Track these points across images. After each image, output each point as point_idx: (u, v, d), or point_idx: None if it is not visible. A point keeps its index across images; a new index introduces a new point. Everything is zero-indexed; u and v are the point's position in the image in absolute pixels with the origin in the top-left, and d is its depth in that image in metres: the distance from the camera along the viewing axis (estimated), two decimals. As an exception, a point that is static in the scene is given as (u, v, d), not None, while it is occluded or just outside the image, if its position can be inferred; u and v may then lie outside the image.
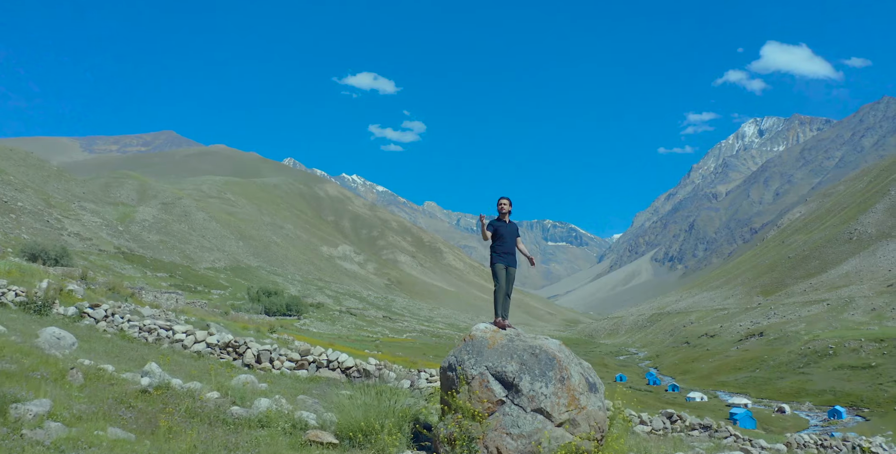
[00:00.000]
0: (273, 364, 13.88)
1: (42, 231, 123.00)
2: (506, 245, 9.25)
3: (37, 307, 13.17)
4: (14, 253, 68.64)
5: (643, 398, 73.67)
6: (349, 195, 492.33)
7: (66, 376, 7.06)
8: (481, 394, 7.27)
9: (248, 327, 44.27)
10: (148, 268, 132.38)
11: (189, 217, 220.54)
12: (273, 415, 6.92)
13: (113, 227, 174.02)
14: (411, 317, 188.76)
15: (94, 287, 45.06)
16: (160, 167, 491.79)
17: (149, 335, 13.99)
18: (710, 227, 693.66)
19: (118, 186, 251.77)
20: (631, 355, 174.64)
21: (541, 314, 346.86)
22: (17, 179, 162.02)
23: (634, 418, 14.49)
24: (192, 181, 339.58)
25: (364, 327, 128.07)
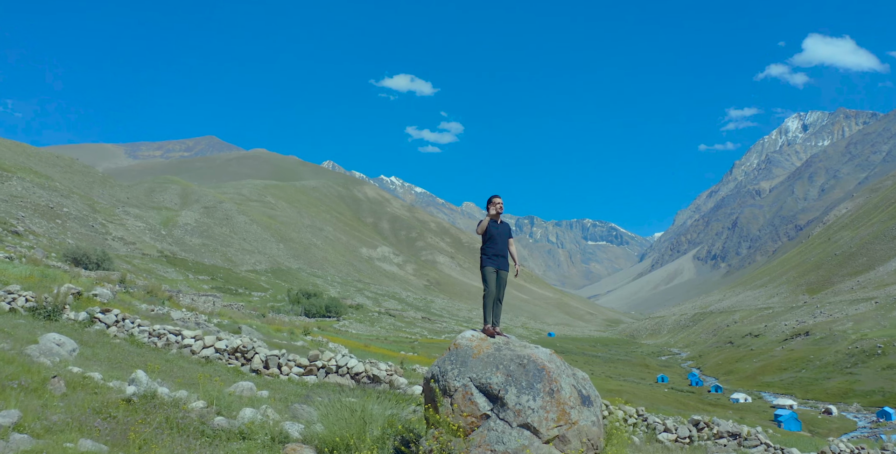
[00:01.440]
0: (281, 369, 13.61)
1: (87, 236, 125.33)
2: (497, 247, 8.66)
3: (46, 312, 13.10)
4: (57, 257, 69.99)
5: (684, 399, 72.33)
6: (388, 197, 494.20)
7: (47, 385, 6.82)
8: (464, 407, 6.76)
9: (282, 329, 44.47)
10: (190, 271, 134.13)
11: (230, 220, 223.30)
12: (255, 426, 6.59)
13: (156, 231, 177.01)
14: (450, 317, 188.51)
15: (133, 290, 45.65)
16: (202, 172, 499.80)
17: (158, 340, 13.84)
18: (754, 224, 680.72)
19: (161, 191, 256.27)
20: (673, 355, 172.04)
21: (581, 314, 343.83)
22: (63, 185, 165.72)
23: (659, 426, 13.89)
24: (233, 185, 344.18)
25: (402, 328, 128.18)
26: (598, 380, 78.95)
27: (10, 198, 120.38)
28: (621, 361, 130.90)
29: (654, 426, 14.00)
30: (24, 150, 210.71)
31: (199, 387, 7.92)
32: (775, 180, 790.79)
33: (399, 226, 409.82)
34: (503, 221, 9.05)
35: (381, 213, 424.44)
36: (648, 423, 14.13)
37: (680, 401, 67.29)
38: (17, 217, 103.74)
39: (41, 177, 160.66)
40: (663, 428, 13.87)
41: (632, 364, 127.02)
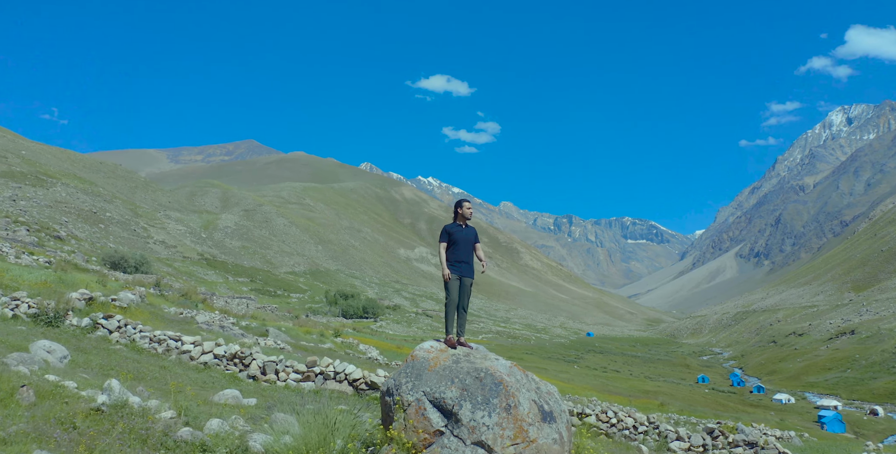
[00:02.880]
0: (279, 375, 13.42)
1: (129, 240, 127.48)
2: (460, 252, 8.29)
3: (48, 319, 13.12)
4: (97, 261, 71.24)
5: (725, 401, 70.86)
6: (425, 197, 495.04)
7: (16, 395, 6.69)
8: (417, 423, 6.39)
9: (312, 331, 44.48)
10: (230, 274, 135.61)
11: (269, 223, 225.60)
12: (219, 438, 6.36)
13: (196, 234, 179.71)
14: (488, 318, 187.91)
15: (168, 293, 46.15)
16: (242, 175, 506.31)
17: (158, 346, 13.77)
18: (798, 220, 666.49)
19: (202, 195, 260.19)
20: (715, 355, 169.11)
21: (621, 314, 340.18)
22: (107, 190, 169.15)
23: (671, 434, 13.36)
24: (272, 188, 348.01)
25: (439, 329, 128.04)
26: (636, 381, 77.86)
27: (54, 203, 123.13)
28: (661, 361, 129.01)
29: (666, 434, 13.49)
30: (68, 157, 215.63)
31: (171, 396, 7.73)
32: (819, 175, 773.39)
33: (436, 226, 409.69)
34: (469, 226, 8.61)
35: (419, 214, 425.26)
36: (660, 431, 13.63)
37: (719, 403, 65.91)
38: (61, 222, 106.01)
39: (85, 182, 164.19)
40: (675, 436, 13.35)
41: (672, 364, 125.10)
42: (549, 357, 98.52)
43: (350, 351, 37.34)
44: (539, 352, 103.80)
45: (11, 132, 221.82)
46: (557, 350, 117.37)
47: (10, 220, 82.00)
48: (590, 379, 71.02)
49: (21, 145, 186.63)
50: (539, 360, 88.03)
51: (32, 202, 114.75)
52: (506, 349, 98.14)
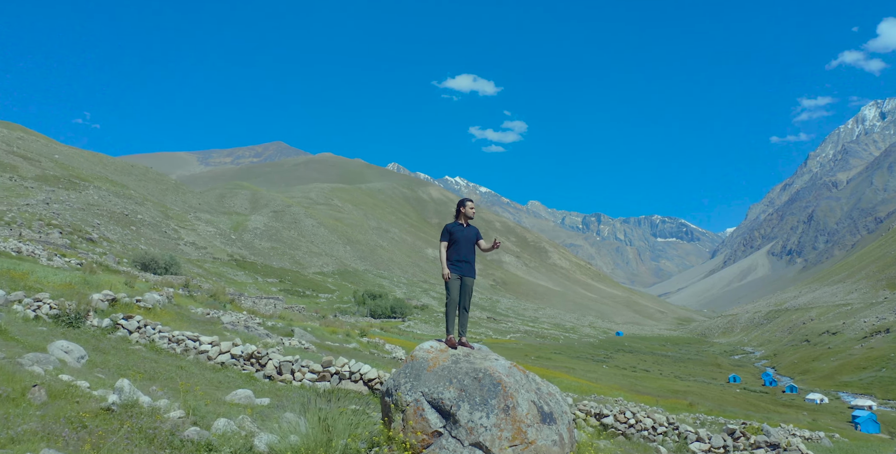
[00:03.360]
0: (294, 375, 13.45)
1: (160, 241, 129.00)
2: (461, 252, 8.16)
3: (69, 320, 13.29)
4: (128, 263, 72.28)
5: (756, 400, 69.86)
6: (452, 197, 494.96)
7: (28, 394, 6.77)
8: (416, 424, 6.32)
9: (338, 331, 44.67)
10: (259, 275, 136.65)
11: (298, 224, 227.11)
12: (223, 438, 6.39)
13: (226, 235, 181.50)
14: (516, 317, 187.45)
15: (196, 294, 46.65)
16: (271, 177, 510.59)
17: (177, 346, 13.89)
18: (831, 217, 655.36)
19: (231, 196, 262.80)
20: (746, 354, 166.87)
21: (651, 313, 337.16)
22: (138, 193, 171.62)
23: (690, 435, 13.14)
24: (300, 189, 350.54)
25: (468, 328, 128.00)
26: (666, 381, 77.11)
27: (86, 206, 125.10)
28: (692, 361, 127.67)
29: (686, 435, 13.26)
30: (100, 160, 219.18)
31: (180, 396, 7.78)
32: (853, 171, 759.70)
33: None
34: (471, 225, 8.50)
35: (446, 214, 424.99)
36: (680, 432, 13.41)
37: (751, 403, 64.98)
38: (93, 224, 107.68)
39: (117, 185, 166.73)
40: (696, 437, 13.12)
41: (703, 363, 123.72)
42: (577, 356, 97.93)
43: (375, 350, 37.40)
44: (567, 352, 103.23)
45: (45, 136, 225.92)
46: (586, 349, 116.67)
47: (43, 223, 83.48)
48: (618, 378, 70.44)
49: (54, 149, 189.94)
50: (567, 360, 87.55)
51: (65, 205, 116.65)
52: (534, 348, 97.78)
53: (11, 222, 74.18)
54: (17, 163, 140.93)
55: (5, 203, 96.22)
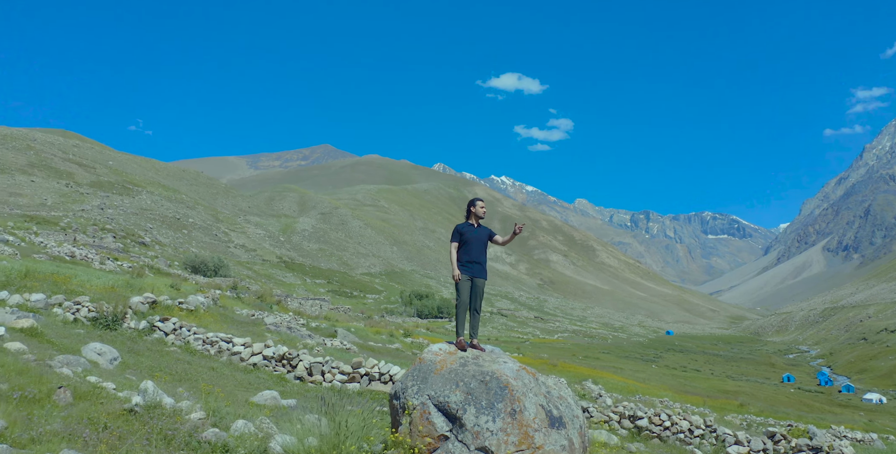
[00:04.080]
0: (325, 377, 13.49)
1: (210, 244, 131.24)
2: (472, 253, 7.96)
3: (106, 322, 13.55)
4: (179, 266, 73.86)
5: (810, 401, 68.03)
6: (498, 197, 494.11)
7: (53, 396, 6.88)
8: (422, 427, 6.20)
9: (382, 331, 44.87)
10: (307, 276, 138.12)
11: (345, 225, 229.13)
12: (240, 439, 6.41)
13: (275, 237, 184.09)
14: (564, 317, 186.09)
15: (244, 296, 47.37)
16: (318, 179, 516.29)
17: (211, 348, 14.06)
18: (889, 211, 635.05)
19: (280, 199, 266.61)
20: (801, 353, 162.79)
21: (702, 311, 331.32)
22: (189, 197, 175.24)
23: (729, 438, 12.76)
24: (347, 191, 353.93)
25: (515, 328, 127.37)
26: (717, 381, 75.59)
27: (139, 211, 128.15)
28: (744, 360, 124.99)
29: (724, 438, 12.89)
30: (152, 166, 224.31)
31: (202, 397, 7.84)
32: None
33: (510, 225, 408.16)
34: (482, 226, 8.31)
35: (493, 213, 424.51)
36: (717, 435, 13.05)
37: (804, 403, 63.28)
38: (146, 228, 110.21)
39: (168, 190, 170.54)
40: (734, 440, 12.74)
41: (756, 363, 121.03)
42: (626, 356, 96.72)
43: (418, 351, 37.43)
44: (616, 352, 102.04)
45: (100, 144, 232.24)
46: (635, 349, 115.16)
47: (97, 228, 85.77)
48: (667, 378, 69.29)
49: (108, 156, 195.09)
50: (615, 360, 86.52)
51: (119, 210, 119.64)
52: (581, 348, 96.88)
53: (67, 227, 76.40)
54: (73, 170, 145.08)
55: (62, 209, 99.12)
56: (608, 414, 13.53)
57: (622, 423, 13.39)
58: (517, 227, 7.94)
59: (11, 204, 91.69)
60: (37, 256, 33.86)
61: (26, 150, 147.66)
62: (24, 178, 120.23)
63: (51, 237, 59.09)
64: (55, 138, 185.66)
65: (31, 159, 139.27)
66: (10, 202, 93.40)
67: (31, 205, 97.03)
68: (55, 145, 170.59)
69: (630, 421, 13.37)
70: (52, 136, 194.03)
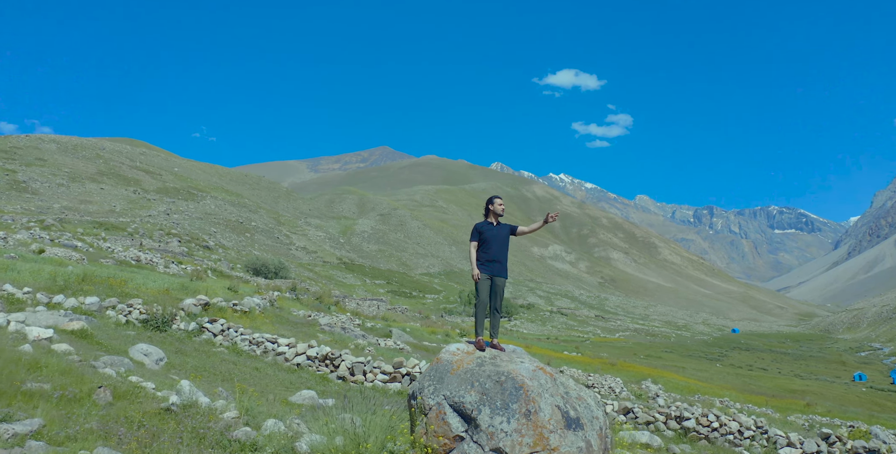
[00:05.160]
0: (366, 376, 13.56)
1: (272, 247, 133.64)
2: (492, 251, 7.82)
3: (156, 324, 13.92)
4: (241, 269, 75.48)
5: (882, 400, 65.42)
6: (556, 194, 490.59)
7: (93, 395, 7.08)
8: (437, 428, 6.11)
9: (437, 331, 44.92)
10: (367, 277, 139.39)
11: (404, 226, 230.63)
12: (270, 438, 6.48)
13: (335, 239, 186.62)
14: (625, 315, 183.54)
15: (304, 297, 48.13)
16: (377, 181, 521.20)
17: (257, 348, 14.30)
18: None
19: (340, 202, 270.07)
20: (874, 351, 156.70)
21: (769, 308, 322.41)
22: (252, 201, 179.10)
23: (780, 439, 12.30)
24: (405, 192, 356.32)
25: (575, 327, 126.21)
26: (783, 380, 73.39)
27: (204, 215, 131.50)
28: (813, 358, 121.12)
29: (776, 440, 12.43)
30: (216, 171, 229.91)
31: (236, 396, 7.95)
32: None
33: (570, 223, 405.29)
34: (502, 223, 8.15)
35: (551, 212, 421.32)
36: (769, 437, 12.60)
37: (876, 403, 60.84)
38: (210, 232, 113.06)
39: (232, 195, 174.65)
40: (786, 442, 12.27)
41: (825, 361, 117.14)
42: (689, 355, 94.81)
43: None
44: (679, 350, 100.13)
45: (165, 151, 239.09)
46: (699, 347, 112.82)
47: (163, 233, 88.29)
48: (731, 378, 67.60)
49: (174, 163, 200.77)
50: (678, 359, 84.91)
51: (184, 215, 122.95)
52: (643, 347, 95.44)
53: (134, 233, 78.87)
54: (141, 177, 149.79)
55: (129, 215, 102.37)
56: (654, 414, 13.23)
57: (668, 424, 13.06)
58: (550, 216, 7.81)
59: (82, 211, 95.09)
60: (104, 261, 35.03)
61: (96, 158, 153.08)
62: (93, 186, 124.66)
63: (118, 242, 61.03)
64: (123, 147, 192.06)
65: (100, 167, 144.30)
66: (80, 209, 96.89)
67: (101, 211, 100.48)
68: (123, 153, 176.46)
69: (677, 421, 13.03)
70: (120, 144, 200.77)
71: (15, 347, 8.23)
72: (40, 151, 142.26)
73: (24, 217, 64.95)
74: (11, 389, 6.78)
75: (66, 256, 30.59)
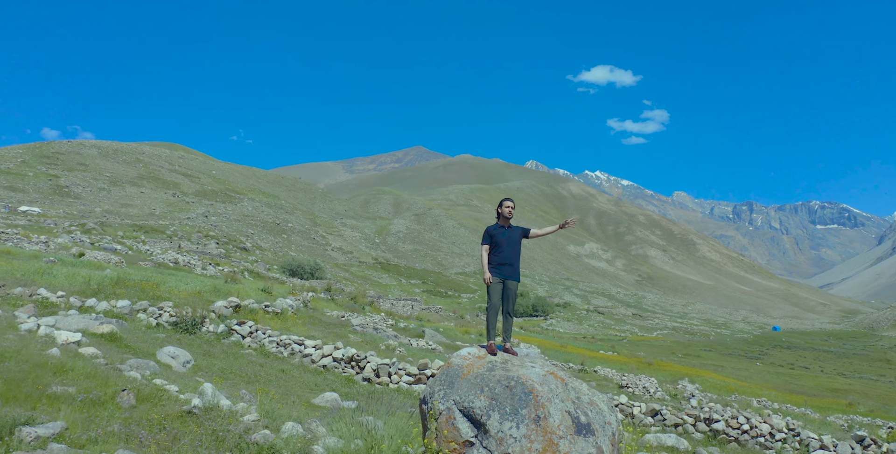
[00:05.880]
0: (391, 378, 13.57)
1: (309, 248, 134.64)
2: (503, 254, 7.80)
3: (186, 326, 14.08)
4: (278, 270, 76.27)
5: (931, 400, 63.68)
6: (592, 192, 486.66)
7: (117, 398, 7.18)
8: (448, 432, 6.04)
9: (471, 331, 44.87)
10: (402, 277, 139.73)
11: (439, 226, 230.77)
12: (287, 441, 6.51)
13: (371, 239, 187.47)
14: (663, 313, 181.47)
15: (338, 298, 48.43)
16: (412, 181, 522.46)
17: (284, 350, 14.40)
18: None
19: (375, 202, 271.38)
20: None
21: (811, 305, 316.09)
22: (288, 203, 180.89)
23: (813, 442, 12.00)
24: (440, 191, 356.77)
25: (612, 326, 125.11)
26: (825, 379, 71.89)
27: (241, 217, 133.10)
28: (857, 356, 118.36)
29: (808, 442, 12.13)
30: (253, 174, 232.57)
31: (257, 399, 8.00)
32: None
33: (606, 221, 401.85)
34: (514, 226, 8.07)
35: (587, 209, 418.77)
36: (801, 439, 12.30)
37: (923, 403, 59.29)
38: (247, 234, 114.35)
39: (268, 196, 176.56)
40: (819, 444, 11.96)
41: (870, 359, 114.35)
42: (728, 353, 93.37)
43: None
44: (718, 349, 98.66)
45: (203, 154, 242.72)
46: (739, 346, 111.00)
47: (201, 235, 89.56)
48: (771, 377, 66.38)
49: (212, 166, 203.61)
50: (717, 357, 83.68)
51: (222, 217, 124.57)
52: (681, 345, 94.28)
53: (173, 235, 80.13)
54: (179, 180, 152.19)
55: (168, 218, 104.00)
56: (682, 416, 13.00)
57: (697, 426, 12.82)
58: (568, 222, 7.74)
59: (123, 214, 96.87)
60: (142, 264, 35.65)
61: (136, 162, 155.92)
62: (134, 190, 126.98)
63: (157, 245, 62.07)
64: (162, 151, 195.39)
65: (140, 171, 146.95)
66: (121, 213, 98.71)
67: (141, 214, 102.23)
68: (162, 157, 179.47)
69: (706, 423, 12.79)
70: (160, 148, 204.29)
71: (43, 351, 8.40)
72: (82, 157, 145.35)
73: (66, 221, 66.42)
74: (36, 393, 6.92)
75: (104, 259, 31.17)
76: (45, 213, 78.03)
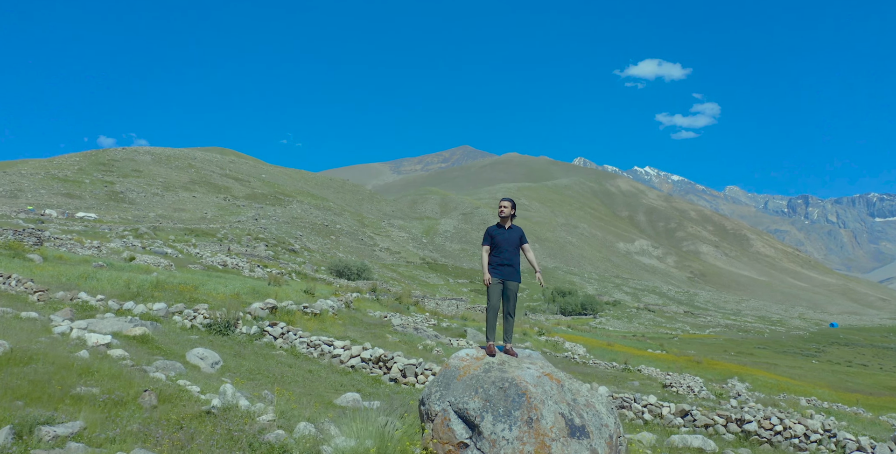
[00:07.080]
0: (417, 378, 13.62)
1: (357, 249, 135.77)
2: (503, 255, 7.79)
3: (219, 328, 14.34)
4: (326, 271, 77.20)
5: None
6: (642, 188, 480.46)
7: (139, 399, 7.35)
8: (442, 434, 6.01)
9: (515, 330, 44.59)
10: (450, 276, 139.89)
11: (487, 225, 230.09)
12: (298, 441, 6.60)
13: (418, 239, 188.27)
14: (716, 311, 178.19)
15: (383, 298, 48.75)
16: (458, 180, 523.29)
17: (314, 351, 14.55)
18: None
19: (422, 202, 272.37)
20: None
21: (871, 301, 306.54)
22: (336, 205, 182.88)
23: (850, 443, 11.59)
24: (487, 190, 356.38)
25: (662, 324, 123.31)
26: (884, 376, 69.71)
27: (291, 219, 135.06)
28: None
29: (845, 444, 11.74)
30: (302, 176, 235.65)
31: (276, 399, 8.12)
32: None
33: (656, 217, 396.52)
34: (514, 226, 8.02)
35: (637, 206, 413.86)
36: (837, 441, 11.91)
37: None
38: (295, 236, 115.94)
39: (317, 198, 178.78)
40: (856, 446, 11.57)
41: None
42: (783, 351, 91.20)
43: (548, 350, 37.07)
44: (773, 346, 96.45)
45: (253, 158, 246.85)
46: (794, 343, 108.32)
47: (251, 238, 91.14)
48: (827, 375, 64.60)
49: (261, 170, 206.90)
50: (771, 355, 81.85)
51: (272, 220, 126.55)
52: (735, 343, 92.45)
53: (223, 238, 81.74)
54: (230, 184, 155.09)
55: (219, 221, 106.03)
56: (713, 417, 12.72)
57: (728, 427, 12.53)
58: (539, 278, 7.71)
59: (175, 218, 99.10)
60: (191, 267, 36.42)
61: (188, 168, 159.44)
62: (186, 195, 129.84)
63: (207, 248, 63.29)
64: (213, 156, 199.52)
65: (192, 176, 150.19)
66: (174, 217, 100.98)
67: (193, 218, 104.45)
68: (213, 162, 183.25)
69: (737, 424, 12.49)
70: (211, 153, 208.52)
71: (71, 353, 8.66)
72: (136, 163, 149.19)
73: (120, 226, 68.23)
74: (60, 394, 7.14)
75: (154, 263, 31.94)
76: (100, 218, 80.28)
